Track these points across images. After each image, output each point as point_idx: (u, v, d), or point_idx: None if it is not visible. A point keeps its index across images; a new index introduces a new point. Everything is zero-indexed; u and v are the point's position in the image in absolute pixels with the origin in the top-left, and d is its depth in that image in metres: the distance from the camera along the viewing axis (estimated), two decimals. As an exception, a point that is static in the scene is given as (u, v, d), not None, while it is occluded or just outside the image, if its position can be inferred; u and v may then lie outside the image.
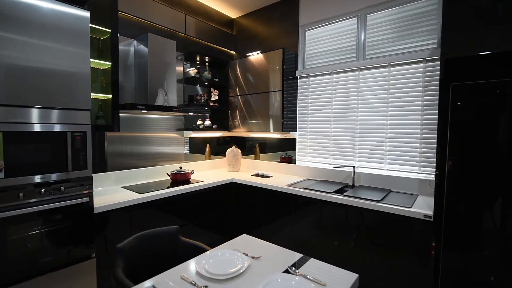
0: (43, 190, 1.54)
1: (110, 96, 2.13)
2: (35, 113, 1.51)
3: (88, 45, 1.72)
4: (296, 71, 2.99)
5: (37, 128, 1.52)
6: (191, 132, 3.05)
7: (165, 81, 2.52)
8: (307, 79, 2.94)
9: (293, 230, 2.44)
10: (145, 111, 2.27)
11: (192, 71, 3.04)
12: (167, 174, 2.65)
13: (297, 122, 3.04)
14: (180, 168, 2.69)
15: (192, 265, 1.21)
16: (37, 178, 1.53)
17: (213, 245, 1.47)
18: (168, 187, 2.36)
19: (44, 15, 1.53)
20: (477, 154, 1.54)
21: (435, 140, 2.01)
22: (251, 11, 3.40)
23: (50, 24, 1.55)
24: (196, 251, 1.44)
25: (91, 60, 1.98)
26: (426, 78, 2.19)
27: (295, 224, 2.42)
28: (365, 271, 2.02)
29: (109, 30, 2.09)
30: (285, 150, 3.17)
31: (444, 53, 1.71)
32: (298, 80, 3.01)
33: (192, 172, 2.70)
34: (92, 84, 2.09)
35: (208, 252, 1.32)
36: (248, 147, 3.56)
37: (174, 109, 2.46)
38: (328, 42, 2.79)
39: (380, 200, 2.00)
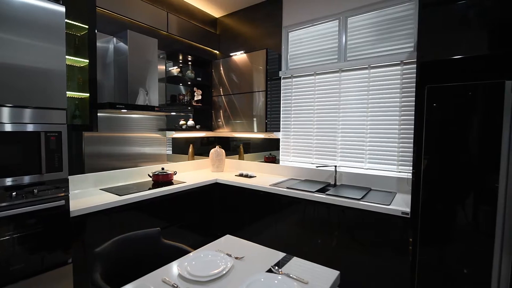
0: (14, 193, 1.46)
1: (88, 95, 2.05)
2: (5, 112, 1.43)
3: (64, 41, 1.65)
4: (280, 72, 3.01)
5: (8, 128, 1.44)
6: (174, 132, 2.99)
7: (146, 80, 2.46)
8: (290, 79, 2.97)
9: (277, 230, 2.46)
10: (125, 110, 2.21)
11: (175, 70, 2.99)
12: (149, 175, 2.59)
13: (281, 122, 3.07)
14: (162, 169, 2.64)
15: (174, 268, 1.18)
16: (8, 181, 1.44)
17: (196, 247, 1.45)
18: (149, 189, 2.31)
19: (16, 9, 1.45)
20: (450, 153, 1.62)
21: (412, 140, 2.09)
22: (235, 10, 3.39)
23: (22, 19, 1.47)
24: (178, 254, 1.42)
25: (67, 57, 1.91)
26: (403, 80, 2.28)
27: (279, 223, 2.44)
28: (347, 268, 2.07)
29: (87, 26, 2.02)
30: (269, 150, 3.19)
31: (419, 56, 1.78)
32: (282, 81, 3.03)
33: (175, 173, 2.65)
34: (68, 82, 2.01)
35: (191, 254, 1.30)
36: (232, 147, 3.55)
37: (156, 108, 2.40)
38: (311, 43, 2.83)
39: (361, 198, 2.05)
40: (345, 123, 2.60)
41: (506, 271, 1.47)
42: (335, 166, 2.57)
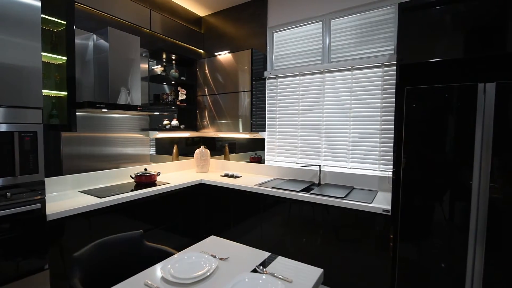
0: (-16, 197, 1.38)
1: (66, 93, 1.97)
2: (-26, 111, 1.35)
3: (39, 37, 1.58)
4: (265, 72, 3.02)
5: (-24, 128, 1.36)
6: (157, 132, 2.94)
7: (128, 79, 2.39)
8: (275, 80, 2.98)
9: (263, 230, 2.46)
10: (106, 110, 2.14)
11: (158, 69, 2.93)
12: (131, 176, 2.52)
13: (266, 122, 3.08)
14: (145, 169, 2.58)
15: (157, 271, 1.16)
16: (-23, 184, 1.36)
17: (181, 249, 1.43)
18: (132, 190, 2.25)
19: (-15, 2, 1.37)
20: (428, 152, 1.69)
21: (393, 140, 2.16)
22: (220, 10, 3.37)
23: (-7, 12, 1.40)
24: (162, 256, 1.39)
25: (43, 53, 1.83)
26: (384, 82, 2.35)
27: (265, 223, 2.45)
28: (331, 265, 2.11)
29: (64, 22, 1.94)
30: (254, 150, 3.19)
31: (399, 59, 1.84)
32: (267, 81, 3.04)
33: (158, 174, 2.60)
34: (44, 80, 1.93)
35: (175, 256, 1.28)
36: (218, 148, 3.52)
37: (138, 108, 2.35)
38: (296, 44, 2.86)
39: (344, 197, 2.10)
40: (329, 123, 2.65)
41: (480, 263, 1.55)
42: (319, 166, 2.61)
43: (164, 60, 3.08)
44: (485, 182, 1.52)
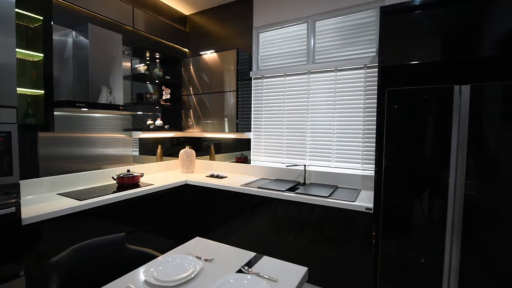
0: (-48, 201, 1.30)
1: (43, 91, 1.89)
2: None
3: (14, 33, 1.50)
4: (251, 72, 3.02)
5: None
6: (140, 132, 2.87)
7: (110, 77, 2.33)
8: (261, 80, 2.99)
9: (249, 230, 2.46)
10: (86, 109, 2.07)
11: (142, 68, 2.87)
12: (113, 178, 2.45)
13: (252, 123, 3.08)
14: (128, 171, 2.52)
15: (139, 274, 1.13)
16: None
17: (165, 251, 1.40)
18: (114, 192, 2.19)
19: (-47, -6, 1.29)
20: (408, 151, 1.75)
21: (375, 139, 2.21)
22: (205, 9, 3.34)
23: (-39, 5, 1.32)
24: (145, 259, 1.36)
25: (17, 50, 1.75)
26: (367, 83, 2.41)
27: (251, 223, 2.45)
28: (316, 263, 2.14)
29: (41, 18, 1.86)
30: (240, 150, 3.18)
31: (381, 61, 1.89)
32: (253, 81, 3.04)
33: (142, 175, 2.54)
34: (19, 78, 1.84)
35: (159, 258, 1.26)
36: (203, 148, 3.49)
37: (121, 107, 2.29)
38: (281, 45, 2.88)
39: (328, 196, 2.13)
40: (314, 124, 2.68)
41: (456, 258, 1.62)
42: (305, 166, 2.64)
43: (147, 58, 3.02)
44: (460, 180, 1.59)
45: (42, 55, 1.87)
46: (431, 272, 1.69)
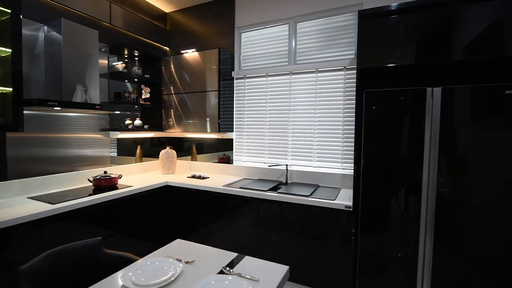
0: None
1: (11, 89, 1.78)
2: None
3: (-24, 26, 1.40)
4: (233, 72, 3.01)
5: None
6: (118, 132, 2.77)
7: (85, 75, 2.23)
8: (243, 80, 2.99)
9: (232, 230, 2.45)
10: (59, 108, 1.97)
11: (120, 66, 2.77)
12: (89, 180, 2.35)
13: (234, 123, 3.07)
14: (105, 172, 2.42)
15: (117, 279, 1.10)
16: None
17: (145, 254, 1.36)
18: (90, 195, 2.10)
19: None
20: (385, 150, 1.81)
21: (354, 139, 2.27)
22: (186, 7, 3.29)
23: None
24: (123, 263, 1.32)
25: (-19, 44, 1.63)
26: (346, 85, 2.47)
27: (233, 224, 2.44)
28: (298, 261, 2.17)
29: (9, 11, 1.75)
30: (223, 151, 3.16)
31: (359, 63, 1.95)
32: (235, 81, 3.03)
33: (120, 177, 2.46)
34: (-17, 74, 1.72)
35: (139, 262, 1.22)
36: (185, 148, 3.43)
37: (97, 106, 2.20)
38: (263, 45, 2.89)
39: (309, 195, 2.17)
40: (296, 124, 2.72)
41: (429, 252, 1.70)
42: (287, 165, 2.67)
43: (126, 56, 2.92)
44: (433, 177, 1.67)
45: (10, 50, 1.76)
46: (407, 266, 1.77)
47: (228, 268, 1.17)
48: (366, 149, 1.86)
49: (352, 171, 2.35)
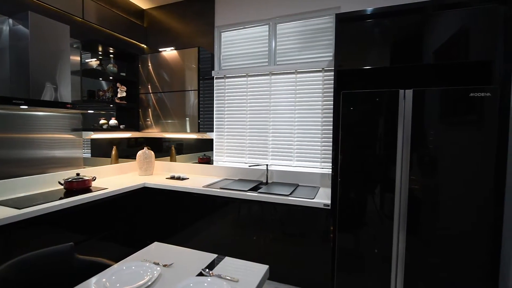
0: None
1: (-30, 86, 1.65)
2: None
3: None
4: (213, 72, 2.98)
5: None
6: (92, 132, 2.65)
7: (56, 72, 2.11)
8: (223, 80, 2.97)
9: (212, 231, 2.43)
10: (26, 107, 1.86)
11: (94, 63, 2.66)
12: (60, 182, 2.23)
13: (214, 123, 3.04)
14: (78, 174, 2.31)
15: (90, 286, 1.05)
16: None
17: (121, 259, 1.31)
18: (60, 198, 1.99)
19: None
20: (361, 150, 1.87)
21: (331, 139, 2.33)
22: (164, 4, 3.21)
23: None
24: (97, 269, 1.26)
25: None
26: (324, 86, 2.53)
27: (214, 225, 2.42)
28: (279, 260, 2.18)
29: (-33, 1, 1.62)
30: (203, 151, 3.12)
31: (336, 65, 2.00)
32: (215, 81, 3.01)
33: (94, 179, 2.35)
34: None
35: (114, 267, 1.17)
36: (164, 149, 3.35)
37: (68, 105, 2.09)
38: (243, 45, 2.89)
39: (289, 194, 2.19)
40: (276, 124, 2.74)
41: (402, 246, 1.78)
42: (267, 165, 2.69)
43: (100, 53, 2.80)
44: (405, 175, 1.75)
45: (-31, 44, 1.63)
46: (382, 260, 1.84)
47: (207, 270, 1.16)
48: (343, 149, 1.91)
49: (331, 170, 2.41)
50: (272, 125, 2.76)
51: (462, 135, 1.64)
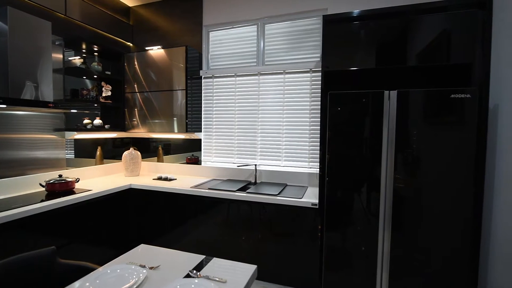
0: None
1: None
2: None
3: None
4: (201, 71, 2.96)
5: None
6: (75, 133, 2.57)
7: (36, 70, 2.04)
8: (211, 79, 2.95)
9: (201, 232, 2.40)
10: (4, 106, 1.78)
11: (77, 61, 2.58)
12: (41, 184, 2.15)
13: (202, 122, 3.01)
14: (60, 176, 2.24)
15: (73, 291, 1.02)
16: None
17: (106, 262, 1.28)
18: (42, 201, 1.93)
19: None
20: (348, 149, 1.90)
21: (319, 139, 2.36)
22: (151, 1, 3.15)
23: None
24: (81, 273, 1.22)
25: None
26: (312, 86, 2.55)
27: (202, 225, 2.39)
28: (267, 260, 2.19)
29: None
30: (191, 151, 3.09)
31: (324, 66, 2.03)
32: (203, 80, 2.98)
33: (77, 180, 2.29)
34: None
35: (99, 270, 1.14)
36: (152, 149, 3.30)
37: (50, 104, 2.02)
38: (231, 45, 2.88)
39: (278, 194, 2.20)
40: (264, 124, 2.75)
41: (387, 243, 1.82)
42: (255, 165, 2.69)
43: (84, 51, 2.73)
44: (390, 174, 1.79)
45: None
46: (368, 258, 1.87)
47: (195, 271, 1.15)
48: (330, 149, 1.94)
49: (318, 169, 2.44)
50: (260, 125, 2.76)
51: (443, 134, 1.69)
